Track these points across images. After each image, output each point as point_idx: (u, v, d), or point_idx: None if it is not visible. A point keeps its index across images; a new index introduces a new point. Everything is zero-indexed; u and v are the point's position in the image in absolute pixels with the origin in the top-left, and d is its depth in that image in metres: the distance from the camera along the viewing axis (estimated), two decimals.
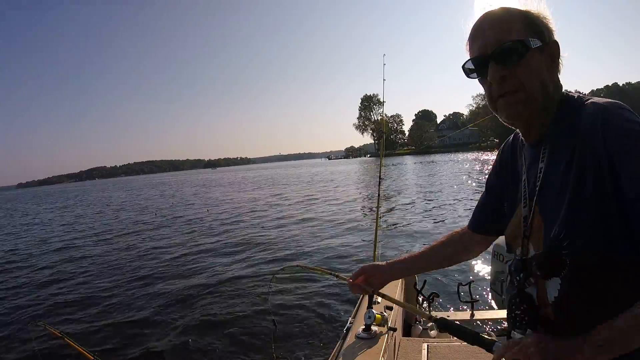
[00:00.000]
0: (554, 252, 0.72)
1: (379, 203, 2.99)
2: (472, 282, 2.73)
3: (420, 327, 2.74)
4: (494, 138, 72.07)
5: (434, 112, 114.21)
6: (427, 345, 2.24)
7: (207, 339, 4.19)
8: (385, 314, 1.92)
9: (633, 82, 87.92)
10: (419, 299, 2.79)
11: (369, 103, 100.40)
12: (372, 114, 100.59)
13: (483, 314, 2.74)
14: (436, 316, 0.93)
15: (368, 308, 1.84)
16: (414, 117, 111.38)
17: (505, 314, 0.87)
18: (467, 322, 2.86)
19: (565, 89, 0.81)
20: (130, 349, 4.12)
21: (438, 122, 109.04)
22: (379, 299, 1.97)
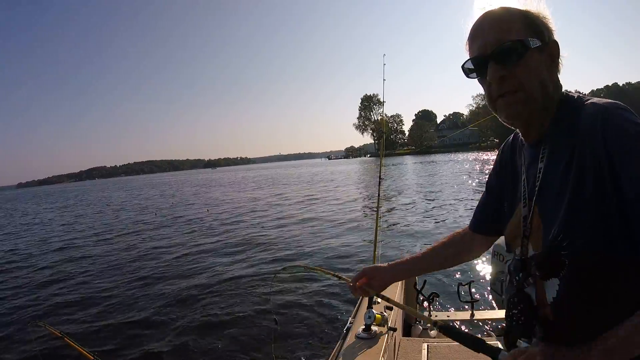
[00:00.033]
0: (553, 252, 0.72)
1: (379, 203, 2.98)
2: (472, 282, 2.72)
3: (420, 327, 2.74)
4: (494, 138, 72.07)
5: (434, 112, 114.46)
6: (427, 345, 2.23)
7: (207, 338, 4.19)
8: (385, 314, 1.92)
9: (633, 82, 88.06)
10: (419, 299, 2.78)
11: (369, 103, 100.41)
12: (372, 114, 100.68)
13: (483, 314, 2.74)
14: (439, 321, 0.92)
15: (368, 308, 1.85)
16: (414, 117, 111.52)
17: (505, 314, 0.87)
18: (467, 322, 2.86)
19: (565, 89, 0.81)
20: (131, 349, 4.12)
21: (438, 122, 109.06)
22: (379, 299, 1.97)
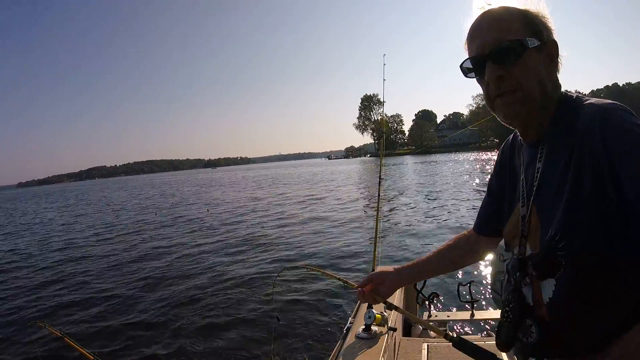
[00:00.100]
0: (550, 252, 0.72)
1: (379, 203, 2.98)
2: (472, 282, 2.72)
3: (420, 327, 2.74)
4: (494, 138, 72.08)
5: (434, 112, 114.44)
6: (427, 345, 2.23)
7: (208, 338, 4.19)
8: (385, 313, 1.91)
9: (633, 82, 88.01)
10: (419, 299, 2.78)
11: (369, 103, 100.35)
12: (372, 113, 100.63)
13: (483, 314, 2.74)
14: (453, 337, 0.92)
15: (368, 308, 1.84)
16: (414, 117, 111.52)
17: None
18: (467, 322, 2.86)
19: (565, 89, 0.81)
20: (131, 349, 4.12)
21: (438, 122, 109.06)
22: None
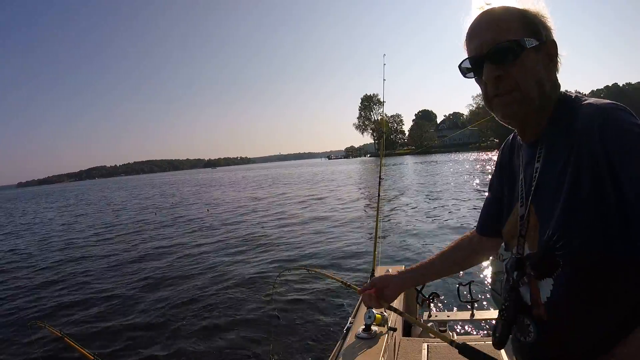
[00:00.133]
0: (548, 252, 0.72)
1: (380, 203, 2.98)
2: (472, 282, 2.73)
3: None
4: (494, 138, 72.03)
5: (434, 112, 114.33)
6: (427, 345, 2.23)
7: (208, 338, 4.19)
8: (385, 313, 1.92)
9: (633, 82, 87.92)
10: (419, 299, 2.78)
11: (369, 103, 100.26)
12: (372, 113, 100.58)
13: (483, 314, 2.74)
14: (459, 343, 0.92)
15: (368, 308, 1.84)
16: (414, 117, 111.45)
17: None
18: (467, 322, 2.86)
19: (565, 89, 0.81)
20: (131, 348, 4.12)
21: (438, 122, 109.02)
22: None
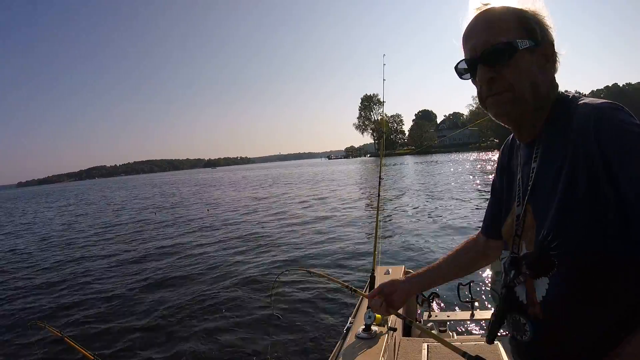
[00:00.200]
0: (543, 252, 0.72)
1: (380, 203, 2.98)
2: (472, 282, 2.72)
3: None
4: (494, 138, 72.05)
5: (434, 112, 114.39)
6: (427, 345, 2.23)
7: (208, 338, 4.19)
8: None
9: (633, 82, 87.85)
10: (419, 299, 2.78)
11: (369, 103, 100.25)
12: (372, 113, 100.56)
13: (483, 314, 2.74)
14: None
15: (368, 308, 1.84)
16: (414, 117, 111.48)
17: None
18: (467, 322, 2.86)
19: (565, 89, 0.80)
20: (131, 349, 4.12)
21: (438, 122, 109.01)
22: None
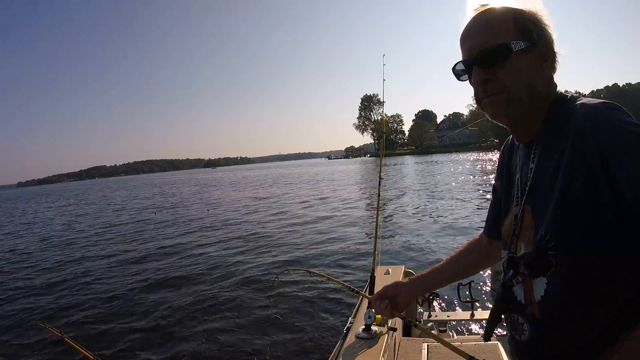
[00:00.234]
0: (541, 252, 0.72)
1: (380, 203, 2.98)
2: (472, 282, 2.72)
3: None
4: (493, 138, 72.07)
5: (434, 112, 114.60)
6: (427, 345, 2.23)
7: (208, 338, 4.19)
8: None
9: (633, 82, 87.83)
10: (419, 299, 2.78)
11: (369, 103, 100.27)
12: (372, 113, 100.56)
13: (483, 314, 2.74)
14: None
15: (368, 308, 1.84)
16: (414, 117, 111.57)
17: None
18: (467, 322, 2.85)
19: (565, 89, 0.80)
20: (131, 349, 4.12)
21: (438, 122, 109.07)
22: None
